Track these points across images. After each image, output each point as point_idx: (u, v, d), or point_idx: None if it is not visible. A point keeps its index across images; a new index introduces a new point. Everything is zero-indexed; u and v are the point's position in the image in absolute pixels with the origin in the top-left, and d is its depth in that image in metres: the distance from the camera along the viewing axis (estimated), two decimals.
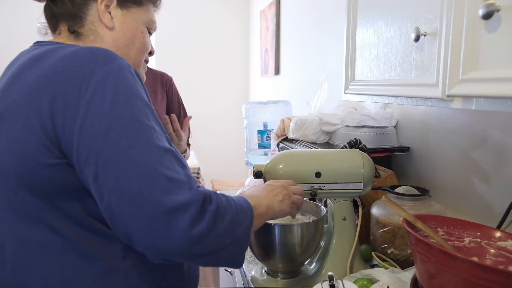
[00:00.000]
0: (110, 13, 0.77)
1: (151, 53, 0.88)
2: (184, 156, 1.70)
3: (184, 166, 0.65)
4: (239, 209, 0.68)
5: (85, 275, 0.67)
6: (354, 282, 0.87)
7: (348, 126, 1.44)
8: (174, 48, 3.99)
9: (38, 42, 0.77)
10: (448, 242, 0.78)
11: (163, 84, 1.70)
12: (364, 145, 1.11)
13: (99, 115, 0.60)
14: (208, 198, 0.63)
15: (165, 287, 0.75)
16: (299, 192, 0.87)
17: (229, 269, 1.41)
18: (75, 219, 0.66)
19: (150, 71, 1.71)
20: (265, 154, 2.47)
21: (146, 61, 0.90)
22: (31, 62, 0.68)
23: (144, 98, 0.66)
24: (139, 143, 0.60)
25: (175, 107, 1.75)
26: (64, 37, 0.78)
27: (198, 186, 0.64)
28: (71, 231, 0.66)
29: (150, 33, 0.86)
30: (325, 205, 1.05)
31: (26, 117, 0.63)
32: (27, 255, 0.67)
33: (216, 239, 0.62)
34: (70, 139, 0.61)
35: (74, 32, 0.77)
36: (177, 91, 1.77)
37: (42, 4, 0.81)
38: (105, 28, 0.78)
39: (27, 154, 0.63)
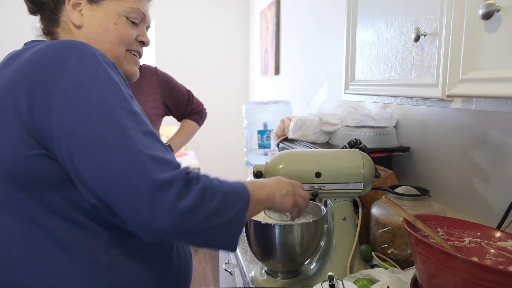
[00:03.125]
0: (81, 11, 0.79)
1: (144, 44, 0.86)
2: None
3: (167, 149, 0.65)
4: (232, 192, 0.67)
5: (67, 267, 0.68)
6: (354, 282, 0.87)
7: (348, 126, 1.44)
8: (174, 48, 3.99)
9: (26, 43, 0.79)
10: (448, 242, 0.78)
11: (149, 79, 1.61)
12: (364, 145, 1.11)
13: (75, 103, 0.61)
14: (194, 178, 0.64)
15: (151, 283, 0.75)
16: (305, 195, 0.86)
17: (229, 269, 1.41)
18: (56, 211, 0.67)
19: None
20: (265, 154, 2.47)
21: (139, 54, 0.88)
22: (11, 59, 0.70)
23: (120, 84, 0.66)
24: (118, 126, 0.61)
25: (179, 95, 1.68)
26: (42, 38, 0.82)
27: (188, 172, 0.64)
28: (53, 223, 0.67)
29: (134, 23, 0.83)
30: (325, 205, 1.05)
31: (4, 110, 0.64)
32: (10, 247, 0.68)
33: (205, 218, 0.62)
34: (49, 130, 0.62)
35: (49, 33, 0.81)
36: (167, 79, 1.67)
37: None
38: (75, 27, 0.80)
39: (5, 145, 0.64)
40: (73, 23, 0.79)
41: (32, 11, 0.82)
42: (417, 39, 0.78)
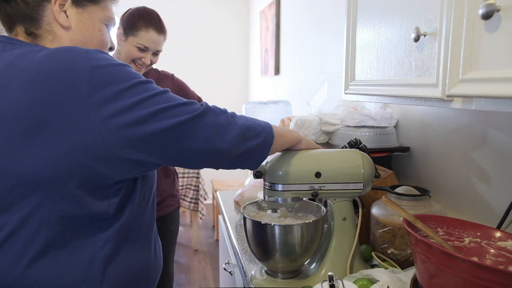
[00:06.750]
0: (65, 13, 0.78)
1: (111, 49, 0.88)
2: None
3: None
4: (250, 118, 0.82)
5: (67, 265, 0.71)
6: (354, 282, 0.87)
7: (348, 126, 1.44)
8: (174, 48, 3.99)
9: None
10: (448, 242, 0.78)
11: (166, 85, 1.69)
12: (364, 145, 1.11)
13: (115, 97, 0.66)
14: (218, 108, 0.78)
15: (134, 269, 0.81)
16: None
17: (229, 269, 1.41)
18: (67, 216, 0.70)
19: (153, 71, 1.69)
20: None
21: None
22: (7, 69, 0.69)
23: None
24: (154, 101, 0.69)
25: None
26: (21, 38, 0.78)
27: None
28: (59, 226, 0.70)
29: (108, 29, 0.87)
30: (325, 205, 1.05)
31: (29, 123, 0.65)
32: (13, 246, 0.70)
33: (241, 129, 0.77)
34: (93, 131, 0.65)
35: (31, 34, 0.77)
36: (182, 86, 1.75)
37: None
38: (62, 28, 0.78)
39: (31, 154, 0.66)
40: (61, 24, 0.77)
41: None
42: (417, 39, 0.78)
